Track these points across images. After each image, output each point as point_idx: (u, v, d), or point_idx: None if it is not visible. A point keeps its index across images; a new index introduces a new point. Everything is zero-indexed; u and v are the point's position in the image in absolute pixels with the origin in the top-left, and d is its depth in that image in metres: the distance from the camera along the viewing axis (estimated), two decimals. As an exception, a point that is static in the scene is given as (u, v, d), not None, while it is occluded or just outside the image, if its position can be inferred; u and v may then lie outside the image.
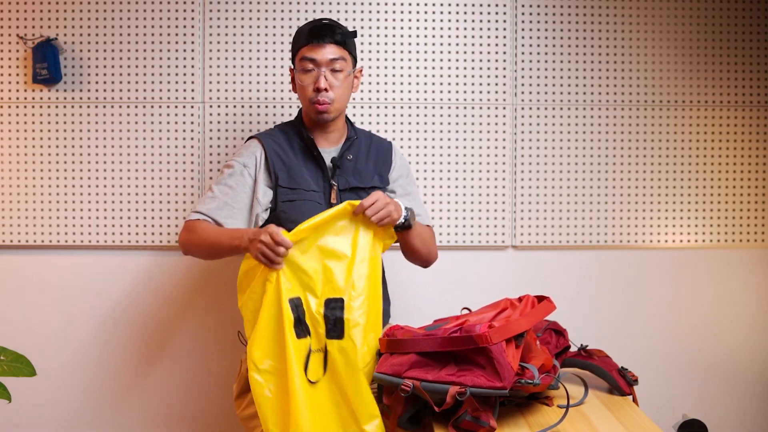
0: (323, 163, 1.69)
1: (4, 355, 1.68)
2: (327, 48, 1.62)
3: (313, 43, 1.62)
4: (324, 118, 1.66)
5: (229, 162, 1.69)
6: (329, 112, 1.65)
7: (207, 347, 2.23)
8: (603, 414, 1.36)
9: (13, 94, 2.17)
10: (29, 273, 2.20)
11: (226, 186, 1.65)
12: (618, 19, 2.23)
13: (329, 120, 1.68)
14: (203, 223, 1.62)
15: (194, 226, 1.62)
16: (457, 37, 2.21)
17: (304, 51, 1.63)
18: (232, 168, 1.67)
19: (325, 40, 1.61)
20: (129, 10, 2.17)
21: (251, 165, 1.67)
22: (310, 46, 1.62)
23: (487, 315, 1.38)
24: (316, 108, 1.64)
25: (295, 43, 1.68)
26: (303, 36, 1.64)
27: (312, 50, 1.62)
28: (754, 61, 2.25)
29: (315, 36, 1.62)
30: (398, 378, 1.30)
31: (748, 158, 2.27)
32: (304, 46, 1.63)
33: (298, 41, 1.66)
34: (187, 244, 1.64)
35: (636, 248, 2.27)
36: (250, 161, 1.67)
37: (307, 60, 1.62)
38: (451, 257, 2.24)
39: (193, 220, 1.63)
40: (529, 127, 2.23)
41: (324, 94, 1.62)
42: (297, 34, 1.67)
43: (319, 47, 1.61)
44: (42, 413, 2.21)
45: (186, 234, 1.63)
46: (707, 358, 2.30)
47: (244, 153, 1.69)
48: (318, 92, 1.62)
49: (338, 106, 1.66)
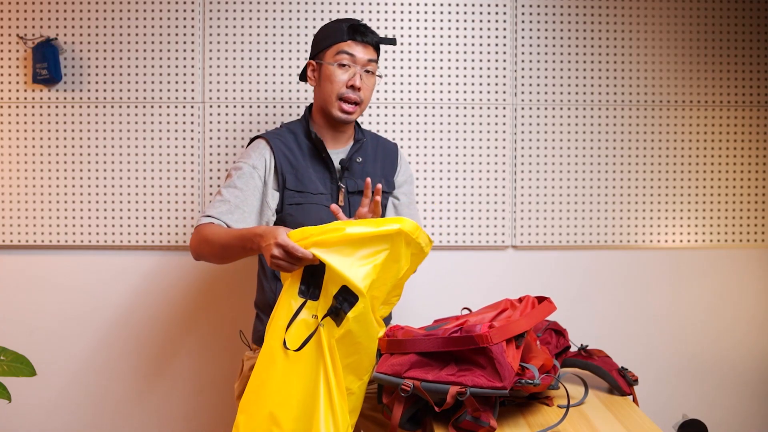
0: (331, 165, 1.67)
1: (4, 355, 1.68)
2: (367, 48, 1.63)
3: (356, 40, 1.62)
4: (347, 119, 1.65)
5: (238, 164, 1.65)
6: (354, 113, 1.64)
7: (208, 347, 2.23)
8: (603, 414, 1.36)
9: (13, 94, 2.17)
10: (29, 273, 2.20)
11: (235, 189, 1.60)
12: (618, 19, 2.23)
13: (350, 122, 1.67)
14: (214, 226, 1.56)
15: (204, 230, 1.55)
16: (457, 37, 2.21)
17: (342, 45, 1.62)
18: (241, 170, 1.62)
19: (366, 39, 1.63)
20: (129, 10, 2.17)
21: (261, 167, 1.63)
22: (352, 43, 1.61)
23: (487, 315, 1.38)
24: (343, 107, 1.62)
25: (327, 37, 1.65)
26: (341, 31, 1.62)
27: (352, 46, 1.62)
28: (754, 61, 2.25)
29: (358, 33, 1.62)
30: (398, 378, 1.30)
31: (748, 158, 2.27)
32: (344, 41, 1.62)
33: (336, 35, 1.63)
34: (198, 249, 1.58)
35: (636, 248, 2.27)
36: (259, 163, 1.63)
37: (347, 54, 1.61)
38: (451, 257, 2.24)
39: (204, 224, 1.57)
40: (529, 127, 2.23)
41: (356, 93, 1.62)
42: (332, 29, 1.65)
43: (361, 45, 1.62)
44: (42, 413, 2.21)
45: (197, 238, 1.57)
46: (707, 358, 2.30)
47: (252, 155, 1.65)
48: (352, 89, 1.61)
49: (362, 109, 1.67)
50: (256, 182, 1.62)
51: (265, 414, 1.30)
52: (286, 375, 1.31)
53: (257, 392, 1.33)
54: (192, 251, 1.61)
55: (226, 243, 1.49)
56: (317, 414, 1.28)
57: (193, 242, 1.59)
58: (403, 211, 1.76)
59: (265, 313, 1.70)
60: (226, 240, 1.49)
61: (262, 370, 1.34)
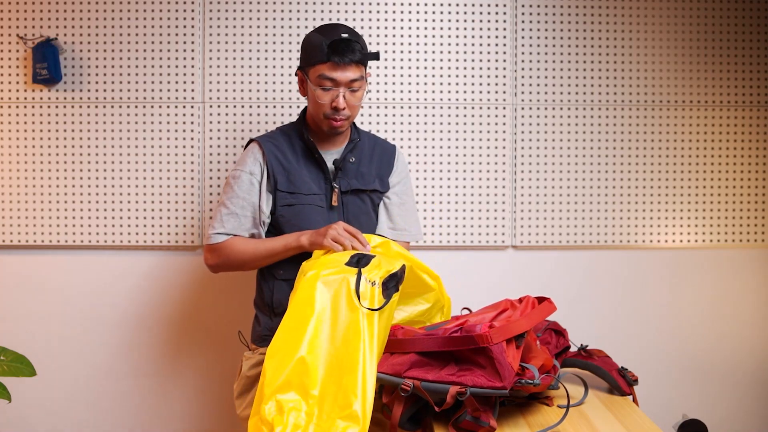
0: (325, 166, 1.69)
1: (4, 355, 1.68)
2: (348, 69, 1.57)
3: (334, 62, 1.55)
4: (337, 131, 1.66)
5: (235, 172, 1.67)
6: (343, 126, 1.65)
7: (207, 347, 2.23)
8: (603, 414, 1.36)
9: (13, 94, 2.17)
10: (29, 273, 2.20)
11: (238, 198, 1.65)
12: (618, 19, 2.23)
13: (342, 132, 1.68)
14: (236, 240, 1.64)
15: (225, 247, 1.64)
16: (457, 37, 2.21)
17: (323, 69, 1.57)
18: (239, 179, 1.66)
19: (346, 60, 1.55)
20: (129, 10, 2.17)
21: (257, 172, 1.66)
22: (331, 65, 1.56)
23: (487, 315, 1.38)
24: (331, 123, 1.63)
25: (310, 55, 1.60)
26: (322, 51, 1.56)
27: (332, 70, 1.56)
28: (754, 61, 2.25)
29: (337, 54, 1.55)
30: (398, 378, 1.30)
31: (748, 158, 2.27)
32: (324, 63, 1.56)
33: (316, 55, 1.58)
34: (222, 266, 1.67)
35: (636, 248, 2.27)
36: (255, 169, 1.67)
37: (327, 79, 1.58)
38: (451, 257, 2.24)
39: (221, 242, 1.64)
40: (529, 127, 2.23)
41: (341, 113, 1.61)
42: (313, 46, 1.59)
43: (340, 68, 1.56)
44: (42, 413, 2.21)
45: (218, 257, 1.65)
46: (707, 358, 2.30)
47: (248, 161, 1.68)
48: (336, 111, 1.61)
49: (352, 118, 1.67)
50: (256, 188, 1.66)
51: (295, 359, 1.26)
52: (331, 329, 1.29)
53: (290, 338, 1.29)
54: (212, 268, 1.69)
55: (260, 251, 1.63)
56: (353, 375, 1.24)
57: (213, 261, 1.67)
58: (393, 210, 1.76)
59: (264, 312, 1.71)
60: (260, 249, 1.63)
61: (301, 316, 1.30)
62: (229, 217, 1.64)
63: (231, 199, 1.65)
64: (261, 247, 1.63)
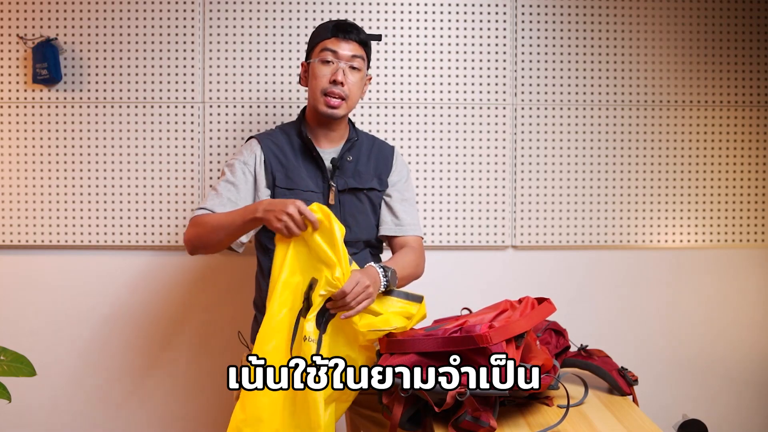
0: (322, 164, 1.69)
1: (4, 355, 1.68)
2: (350, 44, 1.65)
3: (338, 37, 1.65)
4: (333, 114, 1.65)
5: (230, 162, 1.70)
6: (339, 108, 1.65)
7: (207, 347, 2.23)
8: (603, 414, 1.36)
9: (13, 94, 2.17)
10: (29, 273, 2.20)
11: (228, 183, 1.66)
12: (618, 19, 2.23)
13: (337, 117, 1.67)
14: (209, 215, 1.60)
15: (200, 220, 1.60)
16: (457, 37, 2.21)
17: (326, 43, 1.65)
18: (233, 167, 1.68)
19: (349, 36, 1.65)
20: (129, 10, 2.17)
21: (251, 163, 1.68)
22: (335, 39, 1.65)
23: (487, 316, 1.38)
24: (328, 101, 1.64)
25: (315, 37, 1.69)
26: (327, 29, 1.66)
27: (335, 43, 1.65)
28: (754, 61, 2.25)
29: (341, 30, 1.65)
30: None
31: (748, 158, 2.27)
32: (328, 38, 1.65)
33: (321, 34, 1.68)
34: (194, 240, 1.60)
35: (636, 248, 2.27)
36: (249, 159, 1.68)
37: (329, 51, 1.64)
38: (451, 257, 2.24)
39: (198, 215, 1.62)
40: (529, 127, 2.23)
41: (339, 87, 1.63)
42: (319, 29, 1.69)
43: (343, 41, 1.65)
44: (42, 413, 2.21)
45: (192, 229, 1.60)
46: (707, 358, 2.30)
47: (244, 152, 1.70)
48: (335, 84, 1.63)
49: (349, 105, 1.67)
50: (248, 177, 1.67)
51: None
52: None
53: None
54: (187, 243, 1.62)
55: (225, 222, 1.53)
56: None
57: (189, 233, 1.61)
58: (396, 207, 1.76)
59: (263, 312, 1.70)
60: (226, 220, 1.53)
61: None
62: (214, 197, 1.64)
63: (220, 183, 1.67)
64: (224, 216, 1.55)
